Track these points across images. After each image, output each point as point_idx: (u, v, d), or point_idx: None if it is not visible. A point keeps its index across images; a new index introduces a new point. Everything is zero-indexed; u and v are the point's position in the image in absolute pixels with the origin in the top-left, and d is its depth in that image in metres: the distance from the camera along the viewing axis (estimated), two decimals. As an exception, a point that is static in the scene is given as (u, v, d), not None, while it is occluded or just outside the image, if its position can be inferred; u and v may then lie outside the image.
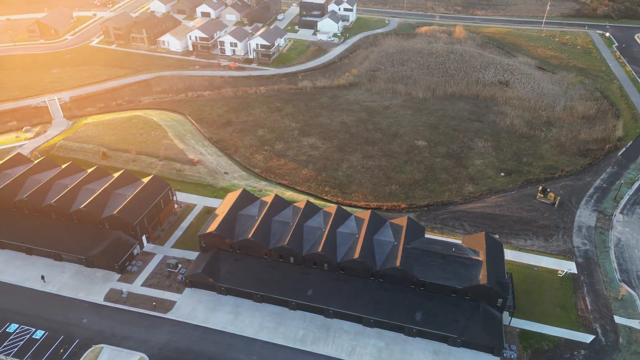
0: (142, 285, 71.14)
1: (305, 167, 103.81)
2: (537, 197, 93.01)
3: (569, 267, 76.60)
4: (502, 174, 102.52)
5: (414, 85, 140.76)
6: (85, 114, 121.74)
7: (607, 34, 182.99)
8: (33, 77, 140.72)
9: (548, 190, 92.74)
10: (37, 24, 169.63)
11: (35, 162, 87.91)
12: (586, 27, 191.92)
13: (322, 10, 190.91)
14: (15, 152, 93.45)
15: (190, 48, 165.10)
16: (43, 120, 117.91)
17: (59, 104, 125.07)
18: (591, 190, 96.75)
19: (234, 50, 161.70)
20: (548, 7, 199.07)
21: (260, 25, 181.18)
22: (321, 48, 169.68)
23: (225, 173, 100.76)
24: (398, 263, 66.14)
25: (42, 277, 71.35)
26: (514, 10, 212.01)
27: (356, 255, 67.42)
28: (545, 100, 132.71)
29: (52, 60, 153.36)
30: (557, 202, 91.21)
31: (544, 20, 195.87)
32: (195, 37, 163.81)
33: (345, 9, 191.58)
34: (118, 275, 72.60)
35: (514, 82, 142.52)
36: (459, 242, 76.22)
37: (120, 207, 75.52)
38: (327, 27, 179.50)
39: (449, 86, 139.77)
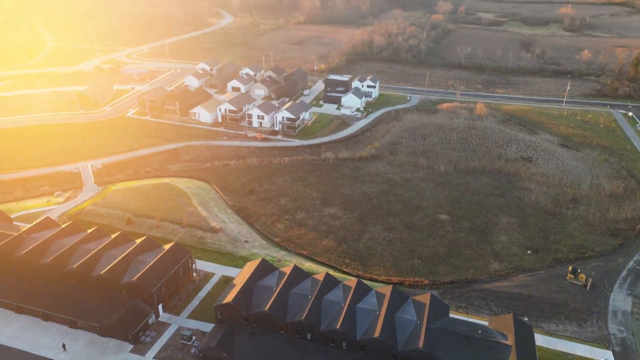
0: (154, 357, 68.99)
1: (325, 237, 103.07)
2: (567, 277, 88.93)
3: (605, 356, 71.17)
4: (529, 251, 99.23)
5: (436, 159, 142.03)
6: (114, 181, 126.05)
7: (630, 114, 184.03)
8: (70, 145, 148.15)
9: (579, 271, 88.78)
10: (79, 96, 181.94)
11: (62, 226, 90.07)
12: (608, 107, 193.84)
13: (346, 87, 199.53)
14: (45, 216, 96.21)
15: (220, 120, 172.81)
16: (74, 186, 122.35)
17: (91, 171, 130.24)
18: (624, 273, 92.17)
19: (260, 123, 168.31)
20: (568, 87, 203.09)
21: (287, 99, 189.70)
22: (344, 122, 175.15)
23: (246, 242, 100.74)
24: (421, 344, 62.80)
25: (63, 346, 70.27)
26: (534, 90, 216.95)
27: (377, 334, 64.51)
28: (570, 178, 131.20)
29: (90, 129, 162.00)
30: (589, 284, 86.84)
31: (564, 99, 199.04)
32: (225, 109, 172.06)
33: (368, 86, 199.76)
34: (131, 346, 70.87)
35: (537, 159, 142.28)
36: (486, 323, 72.42)
37: (140, 274, 75.49)
38: (351, 103, 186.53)
39: (471, 161, 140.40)
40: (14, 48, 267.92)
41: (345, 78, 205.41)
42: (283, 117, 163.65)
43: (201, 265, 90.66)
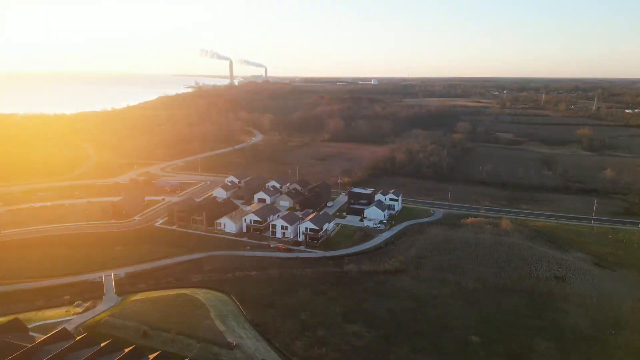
0: None
1: (348, 358, 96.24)
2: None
3: None
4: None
5: (463, 274, 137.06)
6: (135, 290, 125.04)
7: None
8: (97, 254, 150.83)
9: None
10: (111, 206, 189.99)
11: (77, 338, 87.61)
12: (639, 225, 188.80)
13: (369, 200, 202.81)
14: (61, 327, 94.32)
15: (244, 230, 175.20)
16: (95, 296, 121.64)
17: (113, 280, 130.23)
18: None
19: (284, 233, 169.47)
20: (595, 205, 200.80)
21: (310, 211, 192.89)
22: (368, 234, 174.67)
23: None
24: None
25: None
26: (559, 207, 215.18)
27: None
28: (609, 300, 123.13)
29: (118, 239, 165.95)
30: None
31: (592, 217, 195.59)
32: (250, 219, 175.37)
33: (391, 199, 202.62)
34: None
35: (571, 278, 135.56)
36: None
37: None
38: (374, 215, 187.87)
39: (500, 278, 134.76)
40: (60, 162, 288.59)
41: (368, 191, 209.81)
42: (306, 228, 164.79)
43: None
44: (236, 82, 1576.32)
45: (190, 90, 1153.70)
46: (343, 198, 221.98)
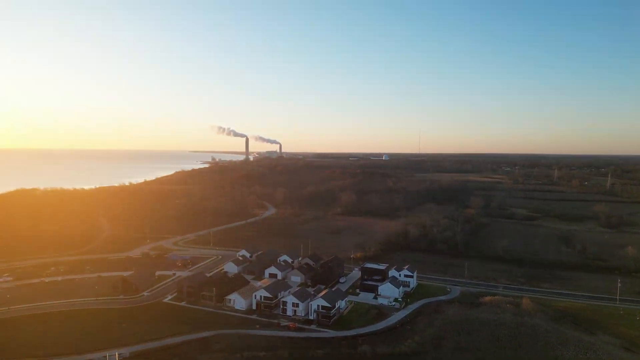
0: None
1: None
2: None
3: None
4: None
5: (484, 358, 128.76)
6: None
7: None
8: (103, 330, 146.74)
9: None
10: (121, 281, 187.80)
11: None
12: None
13: (382, 276, 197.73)
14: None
15: (254, 307, 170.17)
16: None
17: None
18: None
19: (295, 311, 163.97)
20: (619, 285, 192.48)
21: (322, 287, 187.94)
22: (382, 312, 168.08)
23: None
24: None
25: None
26: (580, 286, 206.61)
27: None
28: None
29: (125, 315, 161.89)
30: None
31: (617, 297, 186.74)
32: (260, 296, 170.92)
33: (406, 275, 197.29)
34: None
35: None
36: None
37: None
38: (388, 292, 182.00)
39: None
40: (74, 236, 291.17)
41: (382, 267, 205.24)
42: (318, 305, 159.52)
43: None
44: (251, 158, 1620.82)
45: (206, 165, 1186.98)
46: (356, 273, 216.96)
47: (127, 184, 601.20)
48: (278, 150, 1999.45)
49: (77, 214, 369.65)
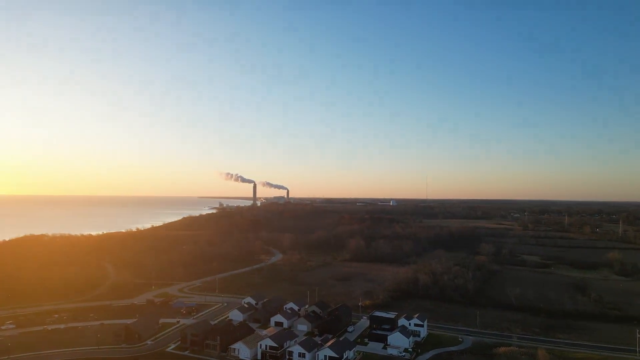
0: None
1: None
2: None
3: None
4: None
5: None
6: None
7: None
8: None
9: None
10: (124, 329, 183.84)
11: None
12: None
13: (392, 325, 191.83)
14: None
15: (259, 357, 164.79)
16: None
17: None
18: None
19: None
20: (638, 336, 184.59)
21: (330, 336, 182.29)
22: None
23: None
24: None
25: None
26: (598, 336, 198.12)
27: None
28: None
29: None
30: None
31: (637, 348, 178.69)
32: (266, 345, 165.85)
33: (416, 324, 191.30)
34: None
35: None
36: None
37: None
38: (398, 342, 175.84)
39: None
40: (79, 283, 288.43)
41: (391, 315, 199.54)
42: (325, 356, 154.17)
43: None
44: (259, 203, 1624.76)
45: (214, 211, 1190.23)
46: (364, 322, 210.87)
47: (134, 229, 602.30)
48: (285, 196, 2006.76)
49: (83, 260, 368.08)
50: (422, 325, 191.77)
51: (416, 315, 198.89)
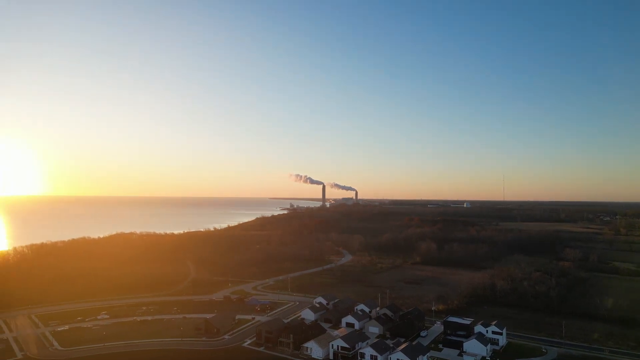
0: None
1: None
2: None
3: None
4: None
5: None
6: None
7: None
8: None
9: None
10: (204, 323, 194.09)
11: None
12: None
13: (468, 331, 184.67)
14: None
15: (331, 357, 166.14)
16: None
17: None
18: None
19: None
20: None
21: (402, 340, 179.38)
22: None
23: None
24: None
25: None
26: None
27: None
28: None
29: (205, 358, 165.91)
30: None
31: None
32: (338, 346, 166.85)
33: (494, 332, 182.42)
34: None
35: None
36: None
37: None
38: (475, 349, 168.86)
39: None
40: (164, 278, 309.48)
41: (467, 321, 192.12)
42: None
43: None
44: (327, 205, 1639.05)
45: (285, 212, 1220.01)
46: (438, 327, 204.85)
47: (211, 229, 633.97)
48: (354, 197, 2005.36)
49: (167, 257, 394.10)
50: (500, 333, 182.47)
51: (494, 323, 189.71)
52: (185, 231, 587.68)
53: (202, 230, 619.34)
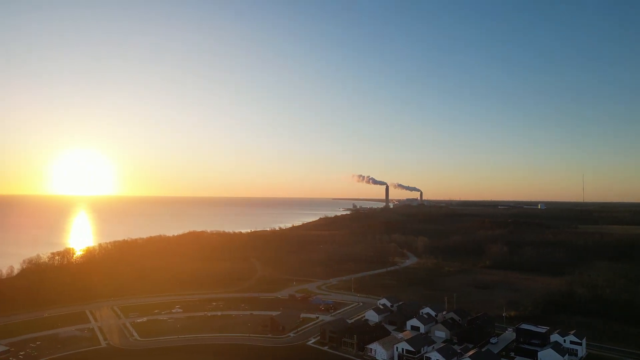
0: None
1: None
2: None
3: None
4: None
5: None
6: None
7: None
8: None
9: None
10: (270, 320, 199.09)
11: None
12: None
13: (543, 340, 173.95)
14: None
15: (395, 359, 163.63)
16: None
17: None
18: None
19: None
20: None
21: (470, 346, 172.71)
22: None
23: None
24: None
25: None
26: None
27: None
28: None
29: (271, 355, 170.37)
30: None
31: None
32: (402, 349, 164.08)
33: (572, 342, 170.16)
34: None
35: None
36: None
37: None
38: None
39: None
40: (233, 275, 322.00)
41: (542, 330, 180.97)
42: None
43: None
44: (391, 206, 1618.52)
45: (347, 212, 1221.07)
46: (509, 335, 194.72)
47: (277, 228, 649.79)
48: (419, 198, 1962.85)
49: (235, 255, 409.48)
50: (579, 344, 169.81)
51: (572, 332, 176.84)
52: (252, 230, 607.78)
53: (267, 229, 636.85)
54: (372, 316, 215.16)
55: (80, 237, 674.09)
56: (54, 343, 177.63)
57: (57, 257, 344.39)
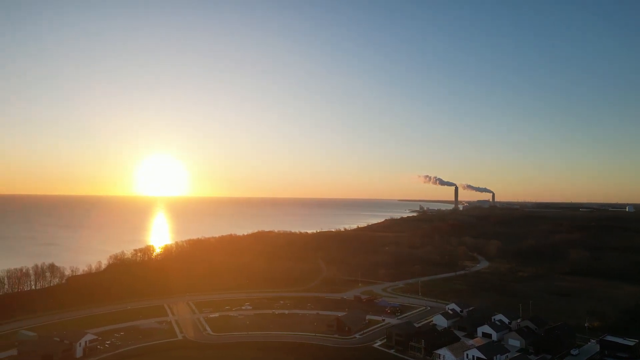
0: None
1: None
2: None
3: None
4: None
5: None
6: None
7: None
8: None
9: None
10: (336, 321, 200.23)
11: None
12: None
13: (631, 354, 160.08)
14: None
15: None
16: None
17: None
18: None
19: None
20: None
21: (548, 357, 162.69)
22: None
23: None
24: None
25: None
26: None
27: None
28: None
29: (337, 355, 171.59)
30: None
31: None
32: (473, 356, 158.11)
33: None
34: None
35: None
36: None
37: None
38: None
39: None
40: (299, 274, 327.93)
41: (630, 342, 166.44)
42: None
43: None
44: (460, 207, 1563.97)
45: (414, 214, 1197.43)
46: (592, 346, 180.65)
47: (341, 229, 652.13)
48: (490, 200, 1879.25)
49: (300, 254, 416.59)
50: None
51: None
52: (318, 231, 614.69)
53: (332, 230, 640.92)
54: (440, 321, 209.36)
55: (159, 235, 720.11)
56: (136, 334, 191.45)
57: (139, 254, 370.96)
